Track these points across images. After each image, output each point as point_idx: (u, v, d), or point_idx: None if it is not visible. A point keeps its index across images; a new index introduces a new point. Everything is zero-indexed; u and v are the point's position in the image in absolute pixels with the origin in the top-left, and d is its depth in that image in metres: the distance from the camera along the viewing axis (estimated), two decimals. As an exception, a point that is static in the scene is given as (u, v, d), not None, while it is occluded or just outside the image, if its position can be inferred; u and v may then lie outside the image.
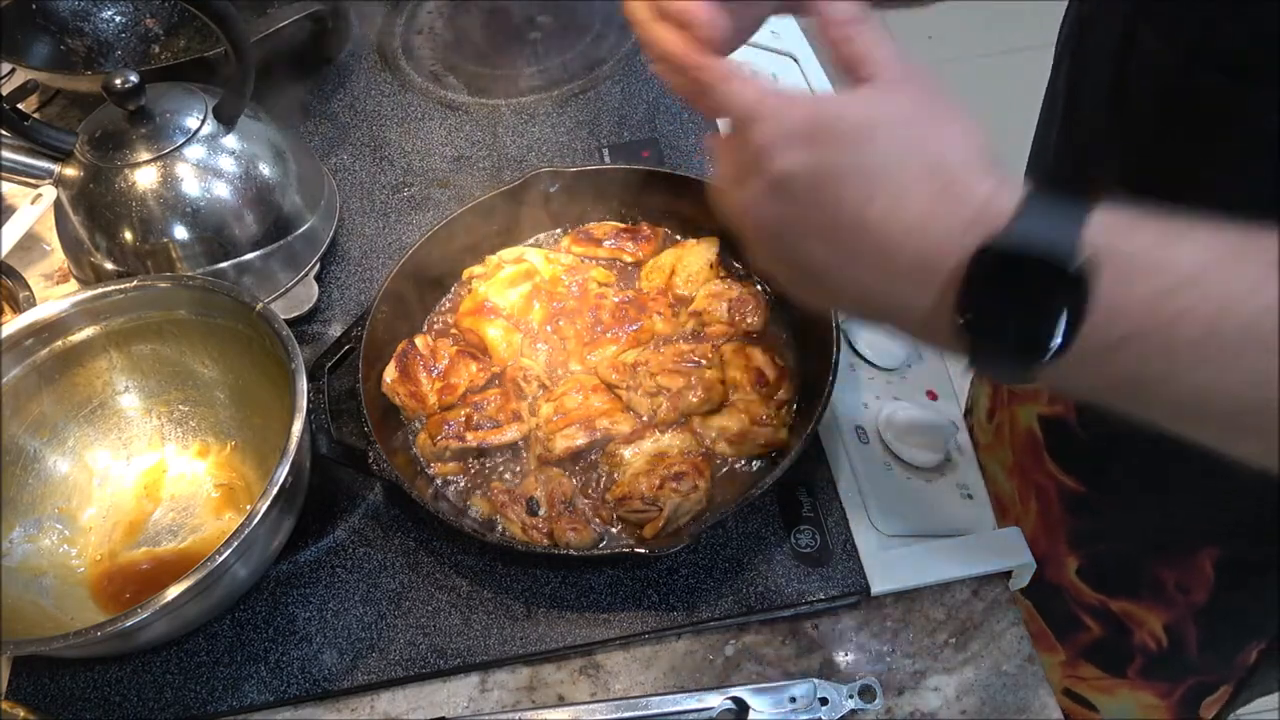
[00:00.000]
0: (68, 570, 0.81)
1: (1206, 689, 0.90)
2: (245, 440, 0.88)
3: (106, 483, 0.87)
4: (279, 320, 0.79)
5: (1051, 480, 0.88)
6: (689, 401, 0.83)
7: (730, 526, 0.80)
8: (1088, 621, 0.90)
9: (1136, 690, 0.93)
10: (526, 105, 1.19)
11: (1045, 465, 0.88)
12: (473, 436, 0.83)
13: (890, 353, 0.90)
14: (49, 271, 1.08)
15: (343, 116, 1.21)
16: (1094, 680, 0.96)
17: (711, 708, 0.71)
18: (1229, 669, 0.87)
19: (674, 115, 1.14)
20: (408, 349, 0.88)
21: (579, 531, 0.77)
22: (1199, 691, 0.90)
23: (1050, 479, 0.88)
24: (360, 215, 1.09)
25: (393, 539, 0.83)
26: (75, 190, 0.91)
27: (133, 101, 0.88)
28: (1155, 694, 0.92)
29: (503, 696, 0.76)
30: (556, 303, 0.92)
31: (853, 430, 0.85)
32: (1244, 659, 0.85)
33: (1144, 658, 0.89)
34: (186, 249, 0.91)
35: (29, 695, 0.77)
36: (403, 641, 0.77)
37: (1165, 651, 0.87)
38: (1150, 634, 0.87)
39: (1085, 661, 0.95)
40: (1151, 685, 0.92)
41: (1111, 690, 0.95)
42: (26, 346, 0.83)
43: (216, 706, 0.76)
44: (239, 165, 0.93)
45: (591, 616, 0.77)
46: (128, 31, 1.27)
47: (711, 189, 0.56)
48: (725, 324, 0.89)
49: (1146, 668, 0.90)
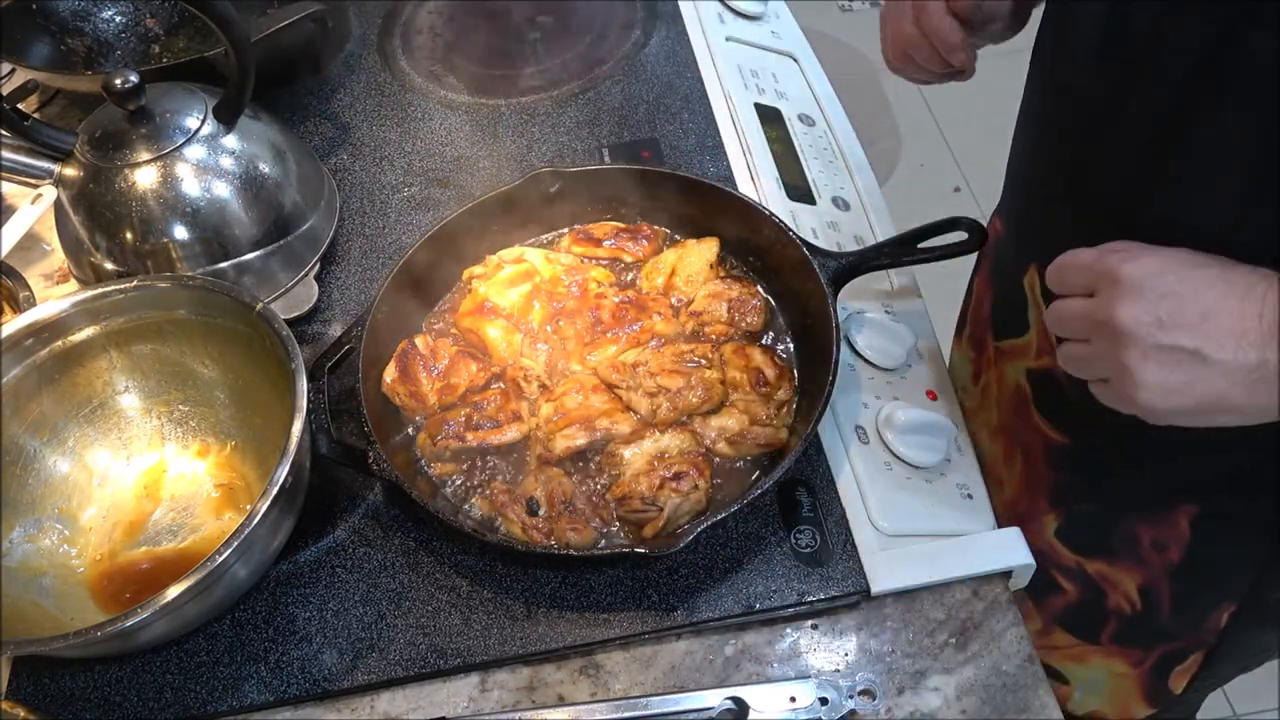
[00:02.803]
0: (68, 570, 0.81)
1: (1177, 657, 0.91)
2: (245, 440, 0.88)
3: (106, 483, 0.87)
4: (279, 320, 0.79)
5: (1037, 435, 0.90)
6: (689, 401, 0.83)
7: (730, 526, 0.80)
8: (1064, 584, 0.91)
9: (1109, 658, 0.94)
10: (526, 105, 1.19)
11: (1032, 420, 0.90)
12: (473, 436, 0.83)
13: (890, 353, 0.90)
14: (49, 271, 1.09)
15: (343, 116, 1.21)
16: (1067, 648, 0.97)
17: (711, 708, 0.71)
18: (1200, 633, 0.88)
19: (674, 115, 1.14)
20: (408, 349, 0.88)
21: (579, 531, 0.77)
22: (1169, 659, 0.91)
23: (1036, 434, 0.90)
24: (360, 215, 1.09)
25: (393, 539, 0.83)
26: (75, 190, 0.91)
27: (133, 101, 0.88)
28: (1127, 662, 0.94)
29: (503, 696, 0.76)
30: (556, 303, 0.92)
31: (853, 430, 0.85)
32: (1215, 622, 0.86)
33: (1118, 621, 0.90)
34: (186, 249, 0.91)
35: (29, 695, 0.77)
36: (403, 641, 0.77)
37: (1139, 614, 0.88)
38: (1125, 596, 0.88)
39: (1059, 628, 0.96)
40: (1124, 652, 0.93)
41: (1084, 658, 0.97)
42: (26, 346, 0.83)
43: (216, 706, 0.76)
44: (239, 165, 0.93)
45: (591, 616, 0.77)
46: (128, 31, 1.27)
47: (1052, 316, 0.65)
48: (725, 324, 0.89)
49: (1119, 632, 0.92)
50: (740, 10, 1.28)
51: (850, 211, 1.06)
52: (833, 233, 1.01)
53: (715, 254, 0.94)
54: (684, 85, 1.18)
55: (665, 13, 1.28)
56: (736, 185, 1.04)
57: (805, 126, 1.15)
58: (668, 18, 1.27)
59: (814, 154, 1.11)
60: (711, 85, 1.17)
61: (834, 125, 1.16)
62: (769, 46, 1.26)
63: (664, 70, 1.21)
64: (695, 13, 1.27)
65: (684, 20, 1.26)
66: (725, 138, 1.11)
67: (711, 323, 0.90)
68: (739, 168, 1.07)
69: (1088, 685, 0.99)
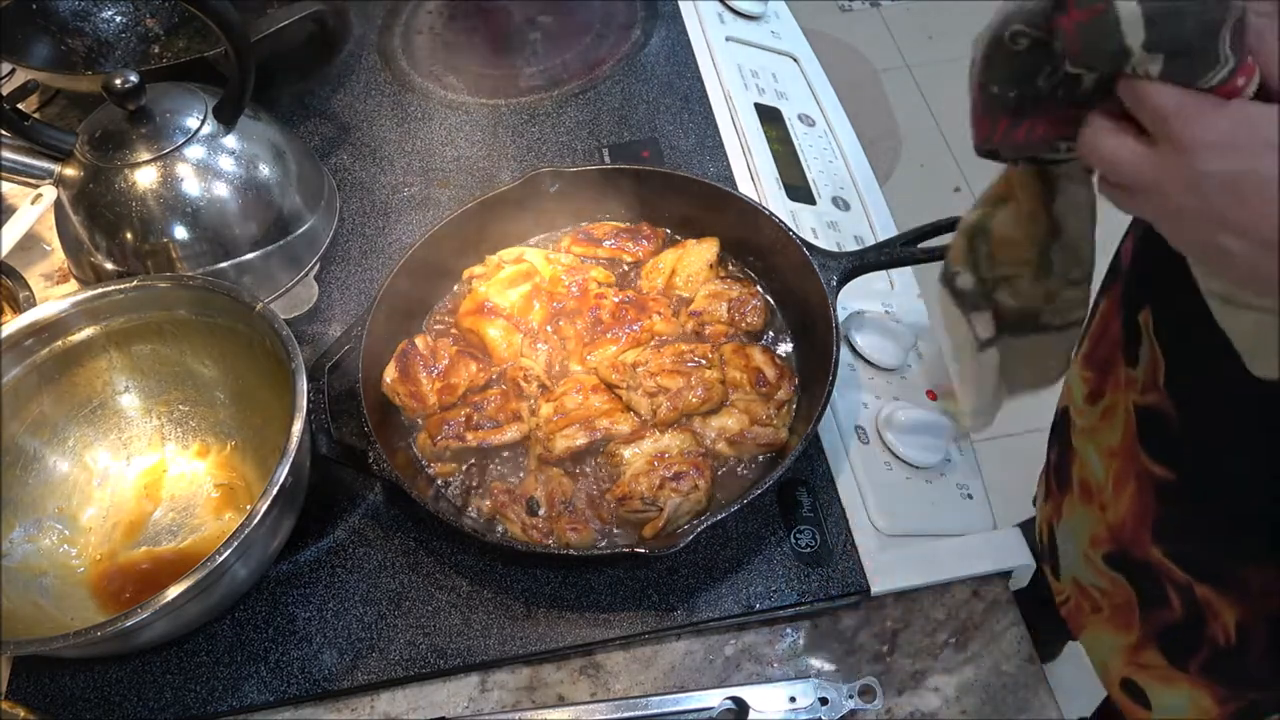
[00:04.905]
0: (68, 570, 0.81)
1: (1265, 708, 0.89)
2: (245, 440, 0.88)
3: (106, 483, 0.87)
4: (279, 320, 0.79)
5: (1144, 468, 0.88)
6: (689, 401, 0.83)
7: (730, 526, 0.80)
8: (1173, 598, 0.90)
9: (1196, 688, 0.93)
10: (526, 105, 1.19)
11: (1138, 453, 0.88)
12: (473, 436, 0.83)
13: (890, 353, 0.90)
14: (49, 271, 1.09)
15: (343, 116, 1.21)
16: (1155, 669, 0.96)
17: (711, 708, 0.71)
18: None
19: (674, 115, 1.15)
20: (408, 349, 0.88)
21: (579, 531, 0.77)
22: (1258, 708, 0.89)
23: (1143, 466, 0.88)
24: (360, 215, 1.09)
25: (393, 539, 0.83)
26: (75, 190, 0.91)
27: (133, 101, 0.88)
28: (1213, 697, 0.92)
29: (503, 696, 0.76)
30: (556, 303, 0.92)
31: (853, 430, 0.85)
32: None
33: (1210, 651, 0.88)
34: (186, 249, 0.91)
35: (29, 695, 0.77)
36: (403, 641, 0.77)
37: (1232, 649, 0.86)
38: (1223, 627, 0.86)
39: (1153, 646, 0.94)
40: (1211, 686, 0.91)
41: (1172, 681, 0.95)
42: (26, 346, 0.83)
43: (216, 706, 0.76)
44: (239, 165, 0.93)
45: (591, 616, 0.77)
46: (128, 31, 1.27)
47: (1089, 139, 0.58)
48: (725, 324, 0.89)
49: (1209, 663, 0.90)
50: (740, 10, 1.28)
51: (850, 211, 1.06)
52: (833, 233, 1.02)
53: (715, 254, 0.94)
54: (684, 85, 1.18)
55: (665, 13, 1.28)
56: (736, 185, 1.04)
57: (805, 126, 1.15)
58: (668, 18, 1.27)
59: (814, 154, 1.11)
60: (711, 85, 1.17)
61: (834, 125, 1.16)
62: (769, 46, 1.26)
63: (664, 70, 1.21)
64: (695, 13, 1.27)
65: (684, 20, 1.26)
66: (725, 138, 1.11)
67: (711, 323, 0.90)
68: (739, 168, 1.07)
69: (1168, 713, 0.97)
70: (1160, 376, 0.81)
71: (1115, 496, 0.92)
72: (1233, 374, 0.73)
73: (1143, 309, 0.86)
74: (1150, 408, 0.85)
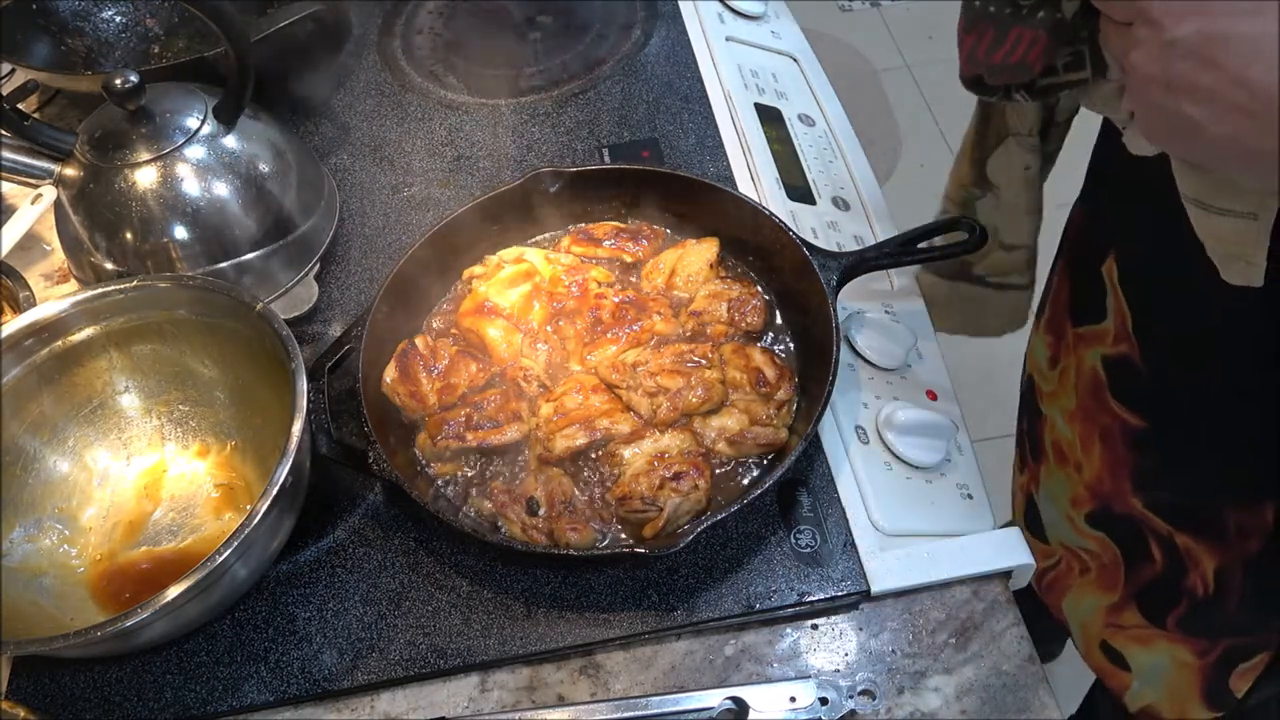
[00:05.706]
0: (68, 570, 0.81)
1: (1243, 653, 0.90)
2: (245, 440, 0.88)
3: (106, 483, 0.87)
4: (279, 320, 0.79)
5: (1115, 419, 0.89)
6: (689, 401, 0.83)
7: (730, 526, 0.80)
8: (1155, 552, 0.91)
9: (1173, 644, 0.93)
10: (526, 105, 1.19)
11: (1109, 405, 0.89)
12: (473, 436, 0.83)
13: (890, 353, 0.90)
14: (49, 271, 1.09)
15: (343, 116, 1.21)
16: (1133, 629, 0.96)
17: (711, 708, 0.71)
18: (1269, 632, 0.87)
19: (674, 115, 1.14)
20: (408, 349, 0.88)
21: (579, 531, 0.77)
22: (1234, 654, 0.90)
23: (1114, 418, 0.89)
24: (360, 215, 1.09)
25: (393, 539, 0.83)
26: (75, 190, 0.91)
27: (133, 101, 0.88)
28: (1191, 650, 0.93)
29: (503, 696, 0.76)
30: (556, 303, 0.92)
31: (853, 430, 0.85)
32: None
33: (1188, 604, 0.90)
34: (186, 249, 0.91)
35: (29, 695, 0.77)
36: (403, 641, 0.77)
37: (1210, 598, 0.87)
38: (1201, 577, 0.87)
39: (1132, 605, 0.95)
40: (1189, 640, 0.92)
41: (1149, 641, 0.96)
42: (26, 346, 0.83)
43: (216, 706, 0.76)
44: (239, 165, 0.93)
45: (591, 616, 0.77)
46: (128, 31, 1.27)
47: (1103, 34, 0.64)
48: (725, 324, 0.89)
49: (1187, 617, 0.91)
50: (740, 10, 1.28)
51: (850, 211, 1.06)
52: (833, 233, 1.02)
53: (715, 254, 0.94)
54: (684, 85, 1.18)
55: (665, 13, 1.28)
56: (736, 185, 1.04)
57: (805, 126, 1.15)
58: (668, 18, 1.27)
59: (814, 154, 1.11)
60: (711, 85, 1.17)
61: (834, 125, 1.16)
62: (769, 46, 1.26)
63: (664, 70, 1.21)
64: (695, 13, 1.27)
65: (684, 20, 1.26)
66: (725, 138, 1.11)
67: (711, 323, 0.90)
68: (739, 168, 1.07)
69: (1148, 674, 0.98)
70: (1129, 324, 0.82)
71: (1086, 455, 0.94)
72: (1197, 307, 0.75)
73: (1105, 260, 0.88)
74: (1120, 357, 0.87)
